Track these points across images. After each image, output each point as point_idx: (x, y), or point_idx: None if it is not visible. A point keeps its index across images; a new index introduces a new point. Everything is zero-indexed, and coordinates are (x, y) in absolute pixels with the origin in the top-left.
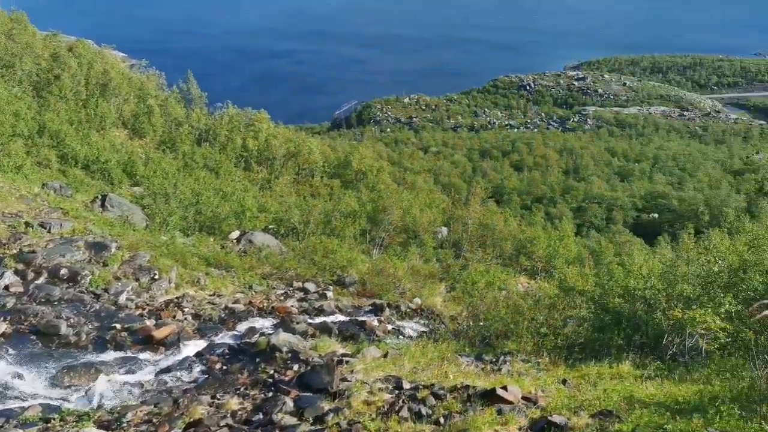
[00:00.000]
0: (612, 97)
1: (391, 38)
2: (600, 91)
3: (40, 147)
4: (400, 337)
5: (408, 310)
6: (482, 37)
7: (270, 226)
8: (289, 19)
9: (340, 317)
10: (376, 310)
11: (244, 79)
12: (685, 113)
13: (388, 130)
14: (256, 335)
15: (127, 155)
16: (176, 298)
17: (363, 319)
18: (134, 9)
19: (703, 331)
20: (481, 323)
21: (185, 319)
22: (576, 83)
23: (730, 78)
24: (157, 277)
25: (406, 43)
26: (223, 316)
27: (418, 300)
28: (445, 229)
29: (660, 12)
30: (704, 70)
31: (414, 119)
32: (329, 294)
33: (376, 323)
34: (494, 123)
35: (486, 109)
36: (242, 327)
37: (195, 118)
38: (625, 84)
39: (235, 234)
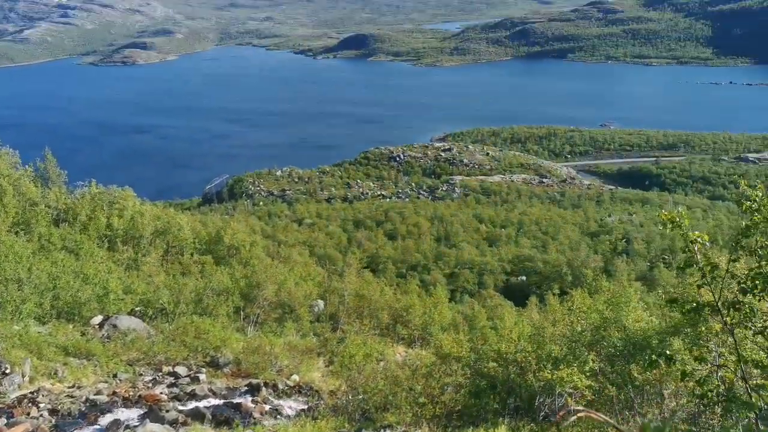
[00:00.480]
0: (477, 166)
1: (257, 113)
2: (465, 160)
3: None
4: (278, 417)
5: (286, 388)
6: (350, 111)
7: (137, 309)
8: (154, 95)
9: (214, 401)
10: (253, 390)
11: (107, 154)
12: (544, 180)
13: (261, 203)
14: (121, 428)
15: None
16: (30, 392)
17: (239, 401)
18: None
19: (571, 390)
20: (360, 396)
21: (41, 415)
22: (443, 154)
23: (581, 147)
24: (8, 371)
25: (274, 118)
26: (83, 409)
27: (296, 377)
28: (321, 302)
29: (515, 88)
30: (558, 140)
31: (287, 192)
32: (202, 377)
33: (252, 404)
34: (367, 194)
35: (358, 180)
36: (105, 420)
37: (53, 198)
38: (488, 154)
39: (98, 319)
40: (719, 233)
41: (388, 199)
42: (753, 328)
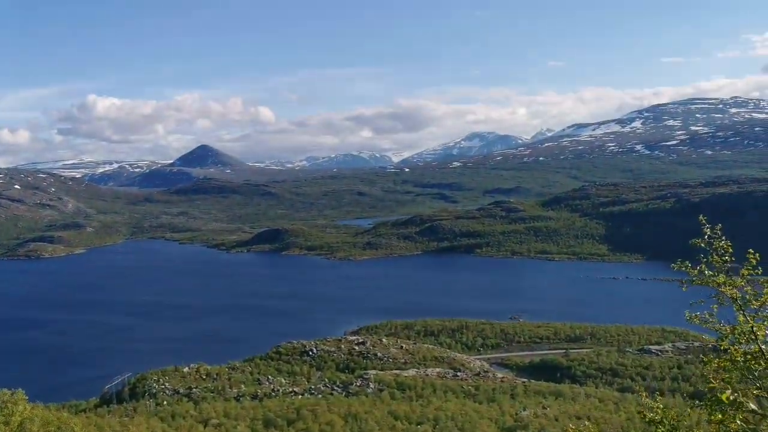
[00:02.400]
0: (391, 360)
1: (162, 306)
2: (379, 354)
3: None
4: None
5: None
6: (261, 304)
7: None
8: (52, 289)
9: None
10: None
11: None
12: (458, 373)
13: (165, 403)
14: None
15: None
16: None
17: None
18: None
19: None
20: None
21: None
22: (356, 348)
23: (492, 340)
24: None
25: (180, 311)
26: None
27: None
28: None
29: (426, 281)
30: (470, 332)
31: (194, 389)
32: None
33: None
34: (278, 390)
35: (270, 377)
36: None
37: None
38: (402, 347)
39: None
40: (632, 427)
41: (300, 396)
42: None
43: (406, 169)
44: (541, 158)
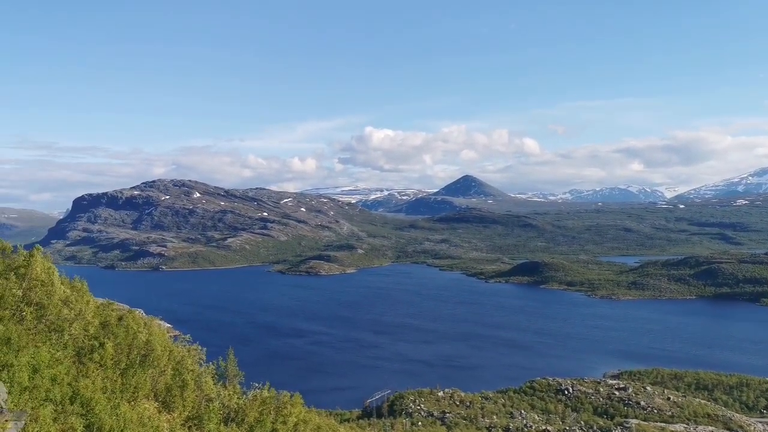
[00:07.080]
0: (655, 411)
1: (410, 328)
2: (642, 403)
3: (68, 414)
4: None
5: None
6: (513, 336)
7: None
8: (320, 303)
9: None
10: None
11: (263, 354)
12: None
13: (419, 423)
14: None
15: (153, 430)
16: None
17: None
18: (173, 284)
19: None
20: None
21: None
22: (617, 393)
23: None
24: None
25: (425, 333)
26: None
27: None
28: None
29: (701, 329)
30: (752, 391)
31: (447, 414)
32: None
33: None
34: (531, 426)
35: (522, 411)
36: None
37: (227, 396)
38: (669, 398)
39: None
40: None
41: None
42: None
43: (681, 206)
44: None
